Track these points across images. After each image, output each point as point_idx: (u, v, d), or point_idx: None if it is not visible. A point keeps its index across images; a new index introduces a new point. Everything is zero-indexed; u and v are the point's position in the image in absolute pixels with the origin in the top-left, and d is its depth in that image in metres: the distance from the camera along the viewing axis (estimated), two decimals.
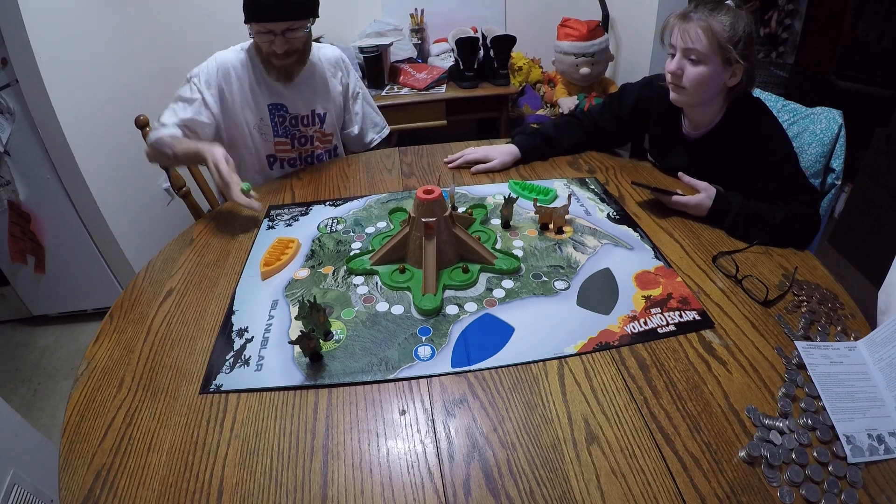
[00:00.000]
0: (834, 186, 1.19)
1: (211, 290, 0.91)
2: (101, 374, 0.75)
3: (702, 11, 0.99)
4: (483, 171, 1.26)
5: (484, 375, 0.71)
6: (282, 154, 1.40)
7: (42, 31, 1.55)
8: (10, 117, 1.61)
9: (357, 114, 1.50)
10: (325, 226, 1.08)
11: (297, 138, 1.40)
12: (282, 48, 1.19)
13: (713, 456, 0.59)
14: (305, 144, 1.42)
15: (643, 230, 1.01)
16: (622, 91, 1.29)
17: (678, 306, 0.81)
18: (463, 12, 2.50)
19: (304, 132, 1.40)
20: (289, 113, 1.35)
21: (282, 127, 1.36)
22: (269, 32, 1.17)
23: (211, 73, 1.27)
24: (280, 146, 1.38)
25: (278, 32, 1.17)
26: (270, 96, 1.32)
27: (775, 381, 0.68)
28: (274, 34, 1.17)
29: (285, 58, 1.22)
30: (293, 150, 1.41)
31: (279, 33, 1.17)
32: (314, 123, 1.40)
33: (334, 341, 0.77)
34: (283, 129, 1.36)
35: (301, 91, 1.35)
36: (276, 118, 1.34)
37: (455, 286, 0.87)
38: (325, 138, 1.44)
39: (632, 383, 0.69)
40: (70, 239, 1.83)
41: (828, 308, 0.81)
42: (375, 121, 1.56)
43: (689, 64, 1.02)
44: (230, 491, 0.58)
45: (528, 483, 0.58)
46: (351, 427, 0.65)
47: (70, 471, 0.62)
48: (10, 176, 1.69)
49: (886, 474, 0.58)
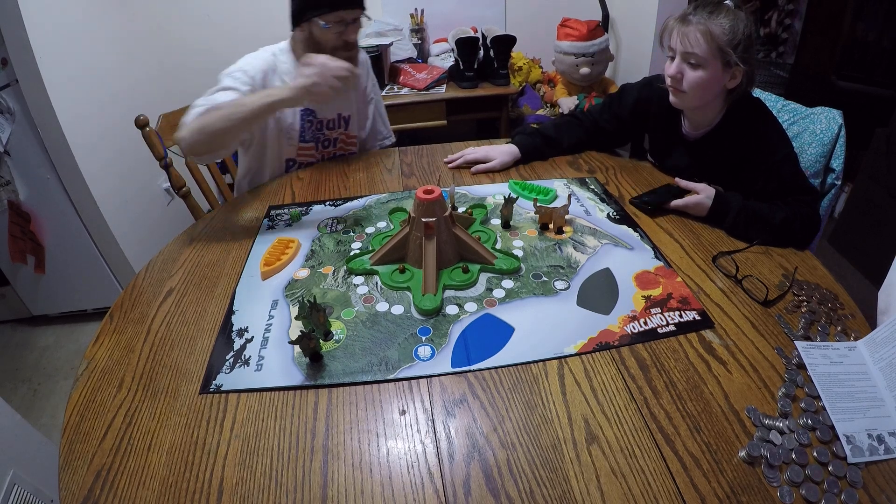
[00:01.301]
0: (834, 186, 1.19)
1: (211, 290, 0.91)
2: (101, 374, 0.75)
3: (701, 14, 0.98)
4: (483, 171, 1.26)
5: (484, 375, 0.71)
6: (302, 158, 1.39)
7: (42, 31, 1.55)
8: (10, 117, 1.62)
9: (367, 119, 1.50)
10: (325, 226, 1.08)
11: (322, 141, 1.39)
12: (353, 36, 1.18)
13: (713, 456, 0.59)
14: (329, 147, 1.42)
15: (643, 230, 1.01)
16: (622, 91, 1.29)
17: (678, 306, 0.81)
18: (463, 12, 2.50)
19: (328, 136, 1.39)
20: (316, 118, 1.35)
21: (309, 132, 1.35)
22: (341, 22, 1.15)
23: (253, 70, 1.18)
24: (303, 150, 1.38)
25: (349, 21, 1.16)
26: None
27: (775, 381, 0.68)
28: (345, 23, 1.16)
29: (351, 49, 1.21)
30: (317, 152, 1.40)
31: (350, 22, 1.16)
32: (339, 126, 1.40)
33: (334, 341, 0.77)
34: (311, 135, 1.36)
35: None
36: (306, 123, 1.33)
37: (455, 286, 0.87)
38: (350, 140, 1.45)
39: (632, 383, 0.69)
40: (70, 239, 1.83)
41: (828, 308, 0.81)
42: (380, 130, 1.55)
43: (688, 68, 1.01)
44: (230, 491, 0.58)
45: (528, 483, 0.57)
46: (351, 427, 0.65)
47: (70, 471, 0.62)
48: (10, 176, 1.70)
49: (886, 474, 0.58)
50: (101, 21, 1.89)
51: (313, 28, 1.17)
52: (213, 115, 1.02)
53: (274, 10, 2.44)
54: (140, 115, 1.33)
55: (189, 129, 1.03)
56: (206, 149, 1.07)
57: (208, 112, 1.03)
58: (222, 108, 1.02)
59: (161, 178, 2.13)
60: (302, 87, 0.97)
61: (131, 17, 2.07)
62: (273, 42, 1.32)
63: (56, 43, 1.62)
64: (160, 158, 1.35)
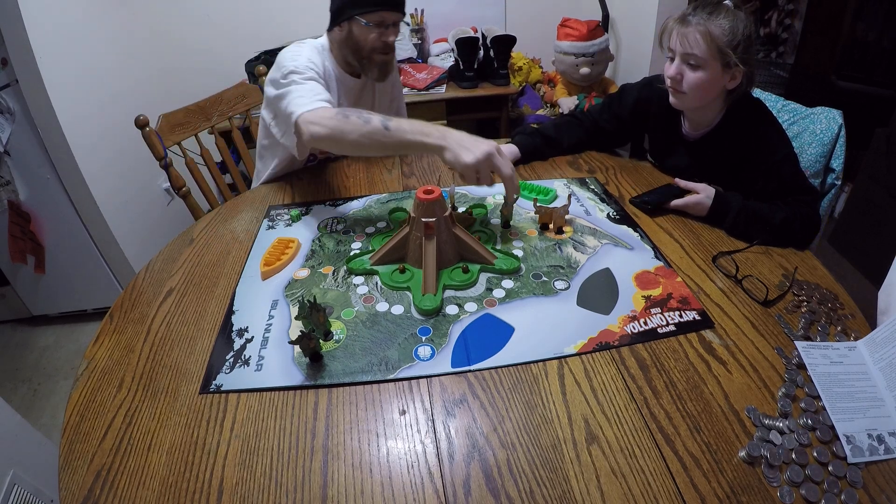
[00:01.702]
0: (834, 186, 1.19)
1: (211, 290, 0.91)
2: (101, 374, 0.75)
3: (700, 15, 0.98)
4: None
5: (484, 375, 0.71)
6: (324, 154, 1.40)
7: (42, 31, 1.55)
8: (10, 117, 1.62)
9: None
10: (325, 226, 1.08)
11: None
12: (394, 37, 1.19)
13: (713, 456, 0.59)
14: None
15: (643, 230, 1.01)
16: (622, 91, 1.29)
17: (678, 306, 0.81)
18: (463, 12, 2.50)
19: None
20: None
21: None
22: (383, 23, 1.16)
23: (317, 64, 1.16)
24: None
25: (390, 23, 1.17)
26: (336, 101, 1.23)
27: (775, 381, 0.68)
28: (386, 25, 1.17)
29: (388, 52, 1.21)
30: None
31: (391, 24, 1.17)
32: None
33: (334, 341, 0.77)
34: None
35: (362, 96, 1.33)
36: None
37: (455, 286, 0.87)
38: None
39: (632, 383, 0.69)
40: (70, 239, 1.83)
41: (828, 308, 0.81)
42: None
43: (688, 69, 1.01)
44: (230, 491, 0.58)
45: (528, 483, 0.58)
46: (351, 427, 0.65)
47: (70, 471, 0.62)
48: (10, 176, 1.70)
49: (886, 474, 0.58)
50: (101, 21, 1.89)
51: (353, 27, 1.17)
52: (355, 124, 0.98)
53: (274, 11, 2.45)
54: (140, 115, 1.33)
55: (324, 126, 1.00)
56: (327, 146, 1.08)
57: (349, 118, 0.99)
58: (369, 122, 0.97)
59: (161, 178, 2.13)
60: (465, 164, 0.91)
61: (131, 17, 2.07)
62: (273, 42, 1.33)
63: (56, 43, 1.62)
64: (160, 158, 1.35)
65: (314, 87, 1.10)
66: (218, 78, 1.91)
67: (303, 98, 1.06)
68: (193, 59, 2.35)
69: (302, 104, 1.04)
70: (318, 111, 1.03)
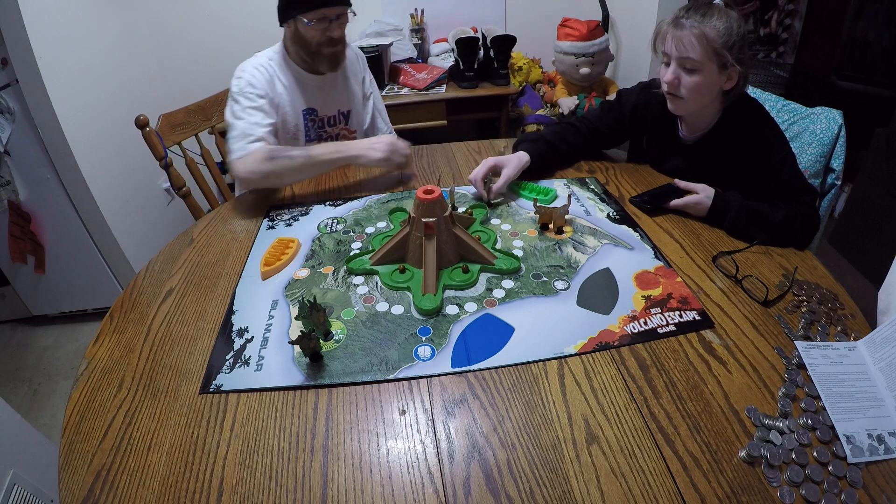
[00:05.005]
0: (834, 186, 1.19)
1: (211, 290, 0.91)
2: (101, 374, 0.75)
3: (693, 17, 0.96)
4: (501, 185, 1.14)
5: (484, 375, 0.71)
6: None
7: (42, 31, 1.55)
8: (10, 117, 1.62)
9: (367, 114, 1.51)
10: (325, 226, 1.08)
11: (324, 139, 1.42)
12: (339, 32, 1.23)
13: (713, 456, 0.59)
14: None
15: (643, 230, 1.01)
16: (620, 96, 1.27)
17: (678, 306, 0.81)
18: (463, 12, 2.50)
19: (330, 132, 1.42)
20: (318, 116, 1.38)
21: (313, 130, 1.39)
22: (324, 19, 1.20)
23: (259, 82, 1.23)
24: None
25: (333, 18, 1.21)
26: (305, 101, 1.33)
27: (775, 381, 0.68)
28: (329, 20, 1.21)
29: (337, 44, 1.25)
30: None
31: (334, 18, 1.21)
32: (339, 122, 1.43)
33: (334, 341, 0.77)
34: (315, 133, 1.39)
35: (330, 90, 1.37)
36: (309, 122, 1.37)
37: (455, 286, 0.87)
38: (350, 135, 1.47)
39: (632, 383, 0.69)
40: (70, 239, 1.83)
41: (828, 308, 0.81)
42: (379, 127, 1.56)
43: (685, 73, 1.00)
44: (230, 491, 0.58)
45: (528, 483, 0.58)
46: (351, 427, 0.65)
47: (70, 471, 0.62)
48: (10, 176, 1.70)
49: (886, 474, 0.58)
50: (101, 21, 1.89)
51: (298, 25, 1.22)
52: (284, 164, 1.14)
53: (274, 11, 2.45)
54: (140, 115, 1.33)
55: (255, 173, 1.14)
56: (266, 185, 1.23)
57: (276, 160, 1.13)
58: (294, 159, 1.14)
59: (161, 178, 2.13)
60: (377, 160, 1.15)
61: (131, 17, 2.07)
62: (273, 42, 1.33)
63: (56, 43, 1.62)
64: (160, 158, 1.35)
65: (249, 121, 1.17)
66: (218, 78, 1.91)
67: (238, 142, 1.16)
68: (193, 59, 2.35)
69: (236, 149, 1.15)
70: (247, 160, 1.13)
